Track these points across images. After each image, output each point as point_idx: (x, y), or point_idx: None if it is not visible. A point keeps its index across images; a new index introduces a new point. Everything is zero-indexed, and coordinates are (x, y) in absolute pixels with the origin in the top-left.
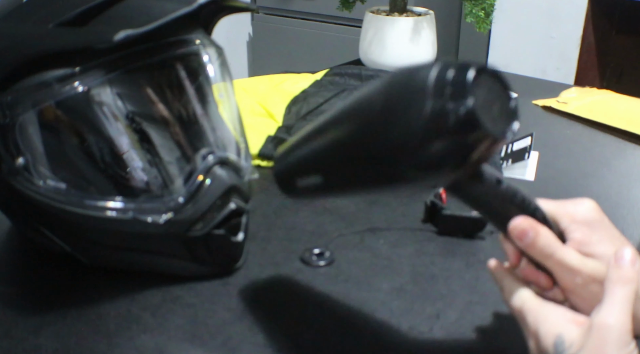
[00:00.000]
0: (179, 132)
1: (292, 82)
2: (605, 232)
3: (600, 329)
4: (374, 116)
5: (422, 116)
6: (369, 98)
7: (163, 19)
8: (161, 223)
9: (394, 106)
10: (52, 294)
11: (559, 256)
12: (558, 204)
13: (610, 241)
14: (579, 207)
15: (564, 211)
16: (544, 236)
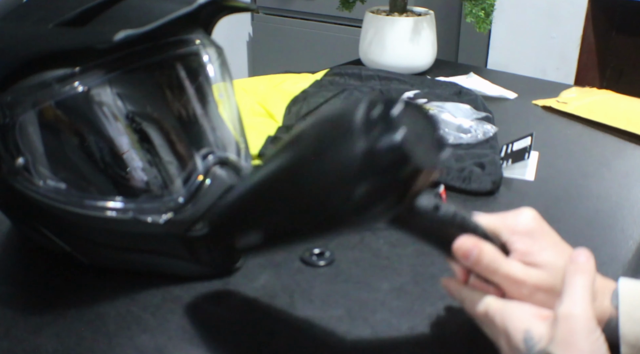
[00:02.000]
0: (179, 132)
1: (292, 82)
2: (546, 240)
3: (567, 320)
4: (308, 162)
5: (352, 157)
6: (303, 143)
7: (163, 19)
8: (161, 223)
9: (326, 150)
10: (52, 294)
11: (503, 271)
12: (498, 218)
13: (552, 248)
14: (519, 218)
15: (504, 224)
16: (487, 252)
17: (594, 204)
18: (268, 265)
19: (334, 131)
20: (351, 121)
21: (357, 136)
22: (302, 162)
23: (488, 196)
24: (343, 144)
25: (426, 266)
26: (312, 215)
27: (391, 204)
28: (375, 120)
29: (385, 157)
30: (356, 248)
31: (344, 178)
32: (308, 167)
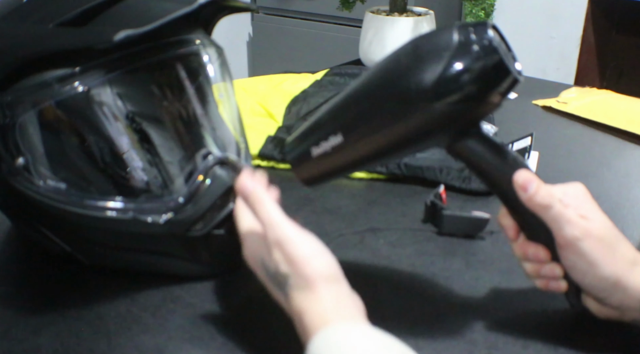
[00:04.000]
0: (179, 132)
1: (292, 82)
2: (595, 208)
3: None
4: (402, 63)
5: (450, 45)
6: (393, 59)
7: (163, 19)
8: (161, 223)
9: (423, 52)
10: (52, 294)
11: (558, 208)
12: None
13: (601, 214)
14: (569, 186)
15: (556, 188)
16: (544, 187)
17: None
18: None
19: (434, 47)
20: (451, 27)
21: (454, 31)
22: (398, 63)
23: (488, 195)
24: (441, 46)
25: (426, 266)
26: (396, 101)
27: (472, 95)
28: (473, 26)
29: (479, 53)
30: (356, 248)
31: (437, 57)
32: (403, 63)
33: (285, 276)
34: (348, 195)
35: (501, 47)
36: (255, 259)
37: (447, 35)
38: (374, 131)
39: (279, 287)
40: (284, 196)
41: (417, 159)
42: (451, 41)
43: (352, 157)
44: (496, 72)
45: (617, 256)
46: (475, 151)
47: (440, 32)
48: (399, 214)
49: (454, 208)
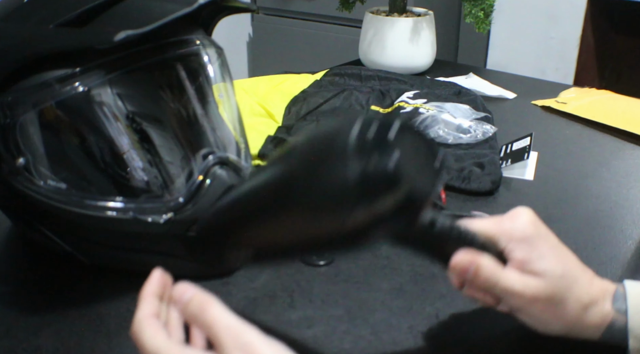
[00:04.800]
0: (179, 132)
1: (292, 83)
2: (544, 245)
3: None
4: (299, 179)
5: (345, 181)
6: (295, 159)
7: (163, 19)
8: (161, 223)
9: (318, 169)
10: (52, 294)
11: (501, 285)
12: (495, 223)
13: (550, 255)
14: (516, 222)
15: (502, 230)
16: (484, 267)
17: (593, 204)
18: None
19: (327, 150)
20: (345, 141)
21: (350, 158)
22: (293, 178)
23: (487, 195)
24: (336, 165)
25: (426, 265)
26: (302, 235)
27: (384, 230)
28: (370, 142)
29: (379, 184)
30: None
31: (336, 203)
32: (299, 185)
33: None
34: None
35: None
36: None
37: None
38: (286, 257)
39: None
40: None
41: None
42: (346, 173)
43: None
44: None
45: (568, 308)
46: (410, 243)
47: (336, 143)
48: None
49: (453, 208)
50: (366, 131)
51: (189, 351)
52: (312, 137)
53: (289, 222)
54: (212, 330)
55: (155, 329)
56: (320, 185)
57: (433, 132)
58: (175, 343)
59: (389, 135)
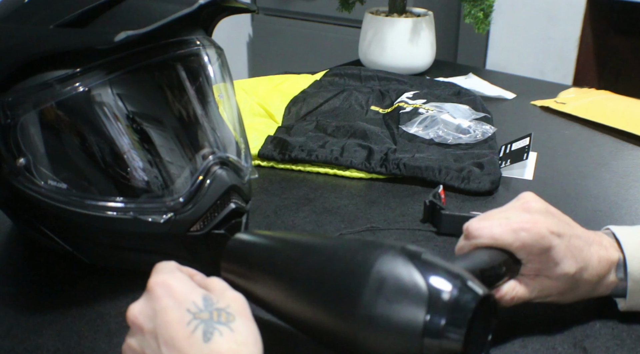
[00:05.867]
0: (180, 132)
1: (292, 83)
2: (559, 251)
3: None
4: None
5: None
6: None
7: (163, 19)
8: (161, 223)
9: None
10: (53, 294)
11: (519, 298)
12: (513, 232)
13: (565, 256)
14: (532, 233)
15: (520, 244)
16: (505, 298)
17: (592, 204)
18: None
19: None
20: (416, 323)
21: (423, 341)
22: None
23: (487, 195)
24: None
25: None
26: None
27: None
28: (442, 329)
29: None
30: None
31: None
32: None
33: (231, 315)
34: (347, 195)
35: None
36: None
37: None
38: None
39: (210, 322)
40: (284, 196)
41: (416, 159)
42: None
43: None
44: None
45: (579, 291)
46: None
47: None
48: (398, 214)
49: (452, 208)
50: (439, 319)
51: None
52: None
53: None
54: (207, 282)
55: (184, 275)
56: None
57: (433, 132)
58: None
59: (461, 333)
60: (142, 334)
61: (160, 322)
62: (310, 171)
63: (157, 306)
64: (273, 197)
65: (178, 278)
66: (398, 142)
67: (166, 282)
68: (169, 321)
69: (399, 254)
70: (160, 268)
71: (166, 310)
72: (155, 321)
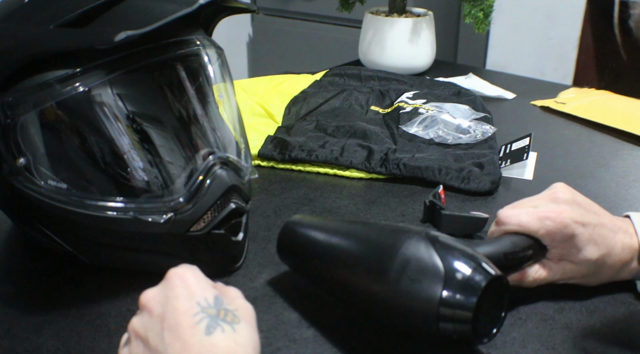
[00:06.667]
0: (180, 132)
1: (292, 83)
2: (582, 238)
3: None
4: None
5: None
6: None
7: (163, 19)
8: (161, 223)
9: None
10: (53, 294)
11: (544, 280)
12: (540, 220)
13: (589, 243)
14: (557, 221)
15: (545, 231)
16: (529, 278)
17: None
18: (268, 265)
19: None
20: (434, 298)
21: (438, 314)
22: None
23: (487, 195)
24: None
25: None
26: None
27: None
28: (456, 304)
29: (455, 331)
30: None
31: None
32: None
33: (237, 318)
34: (347, 195)
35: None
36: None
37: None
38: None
39: (216, 318)
40: (284, 196)
41: (416, 159)
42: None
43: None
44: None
45: (602, 275)
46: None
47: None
48: (398, 214)
49: (452, 208)
50: (453, 298)
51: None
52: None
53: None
54: (222, 289)
55: (203, 275)
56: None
57: (433, 132)
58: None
59: (472, 303)
60: (150, 317)
61: (169, 308)
62: (310, 171)
63: (170, 293)
64: (273, 197)
65: (196, 275)
66: (398, 142)
67: (185, 274)
68: (177, 309)
69: (422, 239)
70: (183, 264)
71: (177, 298)
72: (165, 307)
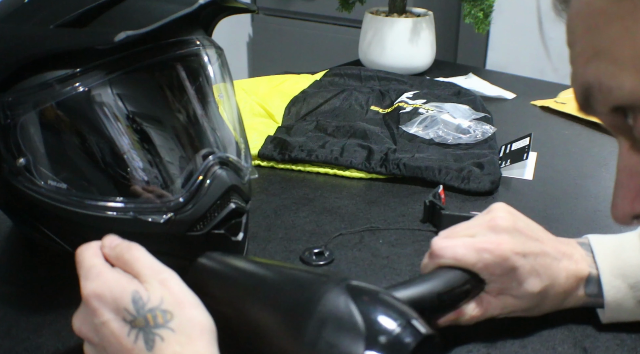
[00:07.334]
0: (180, 132)
1: (292, 83)
2: (523, 271)
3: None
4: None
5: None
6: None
7: (163, 19)
8: (161, 223)
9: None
10: (53, 294)
11: (483, 316)
12: (477, 252)
13: (530, 276)
14: (496, 254)
15: (483, 265)
16: (465, 317)
17: (592, 204)
18: None
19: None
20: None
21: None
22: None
23: (487, 195)
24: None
25: None
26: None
27: None
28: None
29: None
30: (355, 248)
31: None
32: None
33: (167, 313)
34: (347, 195)
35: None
36: (108, 292)
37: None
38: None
39: (148, 328)
40: (284, 196)
41: (416, 159)
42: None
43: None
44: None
45: (545, 306)
46: None
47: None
48: (398, 214)
49: (452, 208)
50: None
51: (117, 273)
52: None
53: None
54: (135, 266)
55: (96, 253)
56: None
57: (433, 132)
58: (108, 265)
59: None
60: (93, 346)
61: (103, 336)
62: (310, 171)
63: (96, 321)
64: (273, 197)
65: (106, 282)
66: (398, 142)
67: (96, 291)
68: (111, 335)
69: (342, 292)
70: (86, 268)
71: (105, 324)
72: (99, 336)
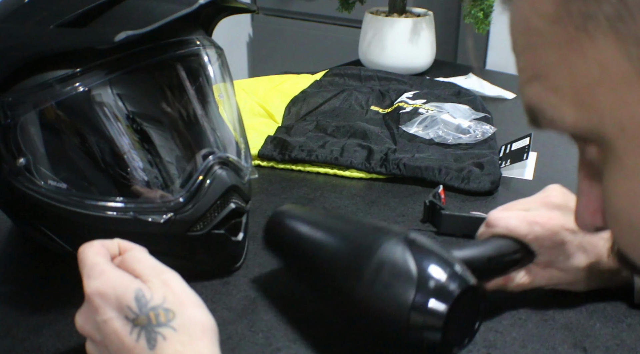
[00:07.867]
0: (180, 132)
1: (292, 83)
2: (571, 245)
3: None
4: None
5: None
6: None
7: (163, 19)
8: (161, 223)
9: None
10: (52, 294)
11: (530, 285)
12: (529, 225)
13: (577, 251)
14: (547, 227)
15: (533, 236)
16: (513, 282)
17: None
18: (268, 265)
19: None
20: (405, 306)
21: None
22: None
23: (487, 195)
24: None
25: None
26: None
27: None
28: (426, 313)
29: (425, 340)
30: None
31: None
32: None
33: (170, 312)
34: (347, 195)
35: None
36: (113, 290)
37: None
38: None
39: (150, 326)
40: (284, 196)
41: (416, 159)
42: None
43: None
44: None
45: (591, 283)
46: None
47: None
48: (398, 214)
49: (452, 208)
50: (425, 302)
51: (120, 272)
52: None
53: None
54: (138, 266)
55: (99, 251)
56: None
57: (433, 132)
58: (111, 264)
59: (443, 310)
60: (95, 344)
61: (105, 334)
62: (310, 171)
63: (98, 318)
64: (273, 197)
65: (109, 280)
66: (398, 142)
67: (99, 289)
68: (113, 333)
69: (400, 241)
70: (89, 266)
71: (107, 322)
72: (101, 333)
